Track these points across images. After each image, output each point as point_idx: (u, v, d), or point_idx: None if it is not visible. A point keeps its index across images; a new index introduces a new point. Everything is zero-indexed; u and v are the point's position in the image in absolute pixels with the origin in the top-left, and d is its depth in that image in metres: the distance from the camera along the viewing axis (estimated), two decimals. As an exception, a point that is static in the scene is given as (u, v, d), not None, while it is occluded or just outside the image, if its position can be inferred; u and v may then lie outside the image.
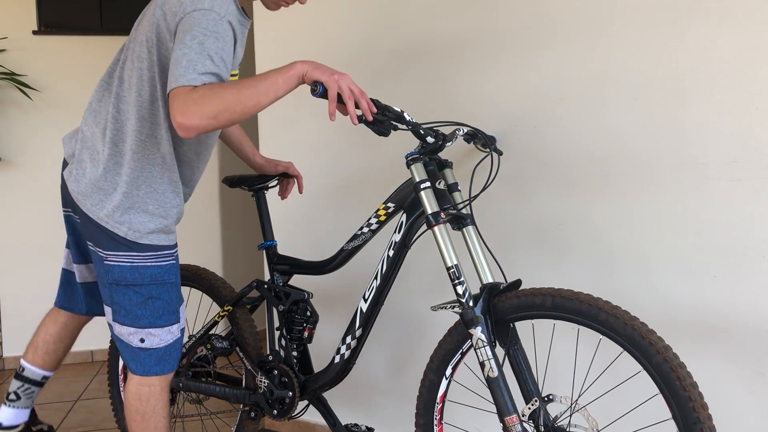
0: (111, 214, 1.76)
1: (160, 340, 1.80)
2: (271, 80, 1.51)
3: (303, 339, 2.09)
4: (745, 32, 1.73)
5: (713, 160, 1.79)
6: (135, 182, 1.76)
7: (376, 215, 1.92)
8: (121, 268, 1.77)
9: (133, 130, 1.75)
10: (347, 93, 1.53)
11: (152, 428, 1.85)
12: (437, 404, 1.78)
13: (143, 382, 1.82)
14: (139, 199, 1.76)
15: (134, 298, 1.78)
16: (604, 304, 1.50)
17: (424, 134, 1.73)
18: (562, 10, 2.03)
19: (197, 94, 1.47)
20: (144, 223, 1.76)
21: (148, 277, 1.78)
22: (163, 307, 1.80)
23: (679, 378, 1.38)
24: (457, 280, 1.66)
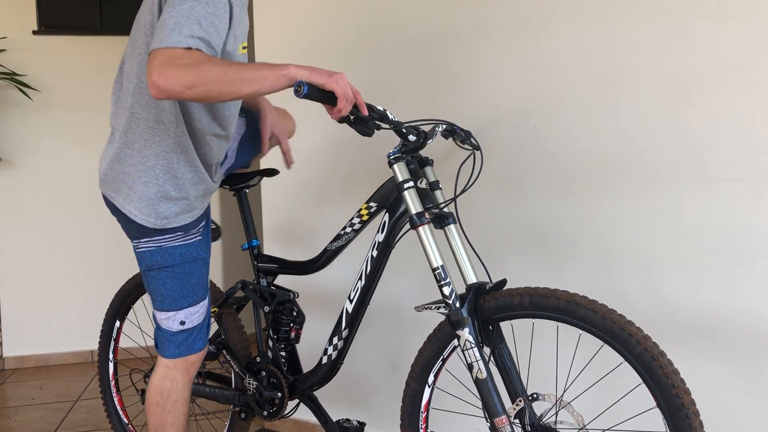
0: (138, 207, 1.72)
1: (198, 316, 1.84)
2: (260, 73, 1.44)
3: (290, 339, 2.07)
4: (745, 32, 1.73)
5: (713, 160, 1.79)
6: (152, 171, 1.71)
7: (358, 215, 1.89)
8: (152, 252, 1.77)
9: (140, 119, 1.69)
10: (348, 95, 1.48)
11: (170, 423, 1.86)
12: (422, 413, 1.77)
13: (166, 376, 1.84)
14: (160, 187, 1.72)
15: (168, 281, 1.78)
16: (581, 300, 1.49)
17: (407, 133, 1.71)
18: (563, 10, 2.02)
19: (185, 59, 1.39)
20: (169, 208, 1.74)
21: (178, 256, 1.78)
22: (198, 283, 1.82)
23: (661, 366, 1.39)
24: (443, 281, 1.64)
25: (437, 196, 1.79)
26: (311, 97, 1.44)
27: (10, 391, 3.65)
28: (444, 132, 1.88)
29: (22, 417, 3.22)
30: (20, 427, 3.08)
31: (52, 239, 4.12)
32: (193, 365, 1.87)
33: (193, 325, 1.83)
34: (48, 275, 4.11)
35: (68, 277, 4.14)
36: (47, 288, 4.12)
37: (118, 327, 2.50)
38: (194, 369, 1.88)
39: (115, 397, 2.56)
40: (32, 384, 3.74)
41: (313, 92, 1.44)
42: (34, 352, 4.10)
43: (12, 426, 3.10)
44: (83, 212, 4.16)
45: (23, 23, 4.07)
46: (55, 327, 4.13)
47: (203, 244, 1.85)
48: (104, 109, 4.14)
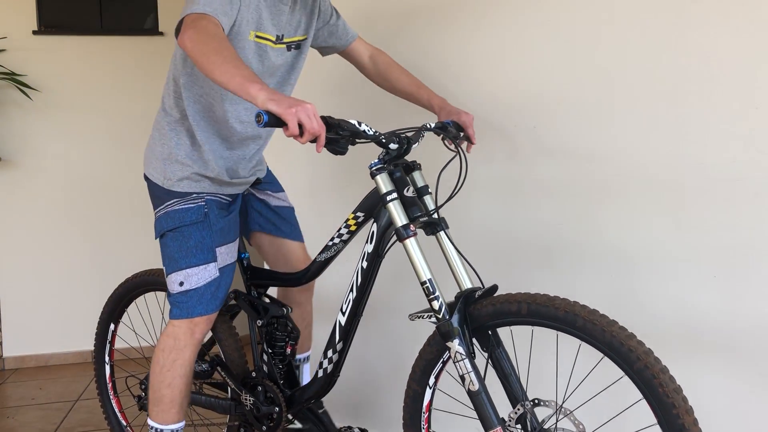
0: (154, 167, 1.95)
1: (198, 279, 1.88)
2: (233, 72, 1.51)
3: (286, 355, 2.05)
4: (745, 32, 1.70)
5: (713, 160, 1.76)
6: (167, 134, 1.93)
7: (346, 225, 1.85)
8: (159, 220, 1.93)
9: (169, 93, 1.94)
10: (305, 128, 1.45)
11: (167, 384, 1.91)
12: (423, 414, 1.75)
13: (170, 333, 1.91)
14: (171, 149, 1.92)
15: (170, 243, 1.91)
16: (580, 310, 1.46)
17: (386, 142, 1.66)
18: (563, 10, 1.99)
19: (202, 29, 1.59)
20: (175, 171, 1.91)
21: (177, 219, 1.90)
22: (195, 246, 1.89)
23: (662, 384, 1.35)
24: (432, 295, 1.60)
25: (426, 201, 1.74)
26: (270, 125, 1.44)
27: (10, 391, 3.65)
28: (436, 129, 1.82)
29: (22, 417, 3.22)
30: (20, 427, 3.08)
31: (52, 239, 4.11)
32: (197, 326, 1.90)
33: (192, 288, 1.88)
34: (48, 275, 4.10)
35: (68, 277, 4.13)
36: (47, 288, 4.11)
37: (112, 330, 2.50)
38: (199, 332, 1.90)
39: (113, 399, 2.55)
40: (32, 384, 3.74)
41: (271, 121, 1.43)
42: (34, 352, 4.10)
43: (12, 426, 3.10)
44: (83, 212, 4.15)
45: (23, 23, 4.05)
46: (55, 327, 4.12)
47: (206, 211, 1.92)
48: (104, 109, 4.15)
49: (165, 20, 4.20)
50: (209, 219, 1.91)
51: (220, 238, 1.92)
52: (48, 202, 4.10)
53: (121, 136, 4.18)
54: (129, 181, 4.17)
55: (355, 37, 2.14)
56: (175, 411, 1.93)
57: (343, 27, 2.11)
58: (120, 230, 4.19)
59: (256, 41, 1.82)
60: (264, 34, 1.83)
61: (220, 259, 1.92)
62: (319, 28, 2.05)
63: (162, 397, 1.92)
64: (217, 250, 1.91)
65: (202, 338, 1.93)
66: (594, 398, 1.86)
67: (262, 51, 1.85)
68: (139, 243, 4.19)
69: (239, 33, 1.77)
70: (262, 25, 1.82)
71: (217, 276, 1.91)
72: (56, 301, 4.12)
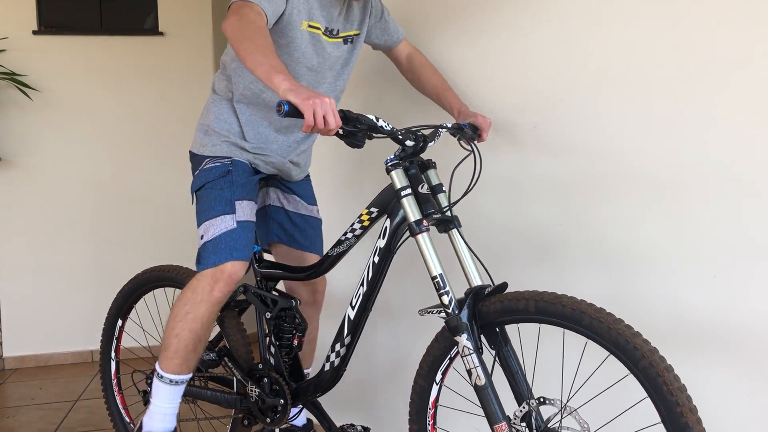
0: (195, 138, 2.10)
1: (215, 229, 1.91)
2: (263, 61, 1.57)
3: (293, 347, 2.06)
4: (745, 32, 1.69)
5: (713, 160, 1.76)
6: (210, 110, 2.07)
7: (359, 220, 1.87)
8: (193, 182, 2.04)
9: (220, 77, 2.08)
10: (319, 123, 1.48)
11: (175, 333, 1.93)
12: (429, 410, 1.76)
13: (190, 285, 1.93)
14: (210, 121, 2.04)
15: (198, 202, 2.00)
16: (587, 308, 1.46)
17: (403, 138, 1.68)
18: (562, 10, 2.00)
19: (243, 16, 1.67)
20: (210, 139, 2.04)
21: (203, 178, 1.99)
22: (215, 198, 1.94)
23: (666, 383, 1.35)
24: (442, 290, 1.61)
25: (440, 199, 1.75)
26: (290, 115, 1.48)
27: (10, 391, 3.64)
28: (452, 130, 1.86)
29: (22, 417, 3.20)
30: (20, 427, 3.06)
31: (52, 239, 4.09)
32: (217, 283, 1.89)
33: (209, 239, 1.91)
34: (48, 275, 4.09)
35: (68, 277, 4.12)
36: (47, 288, 4.09)
37: (120, 326, 2.51)
38: (218, 290, 1.89)
39: (117, 396, 2.56)
40: (32, 384, 3.72)
41: (291, 111, 1.47)
42: (34, 352, 4.08)
43: (12, 426, 3.09)
44: (83, 212, 4.14)
45: (23, 23, 4.04)
46: (55, 327, 4.11)
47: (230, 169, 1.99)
48: (104, 109, 4.14)
49: (165, 20, 4.19)
50: (231, 175, 1.97)
51: (241, 192, 1.96)
52: (48, 202, 4.09)
53: (121, 136, 4.17)
54: (129, 180, 4.17)
55: (403, 35, 2.22)
56: (177, 362, 1.94)
57: (394, 25, 2.18)
58: (120, 230, 4.18)
59: (310, 31, 1.88)
60: (316, 24, 1.89)
61: (240, 212, 1.94)
62: (371, 25, 2.10)
63: (168, 345, 1.94)
64: (237, 203, 1.94)
65: (222, 298, 1.91)
66: (598, 396, 1.87)
67: (317, 41, 1.91)
68: (139, 243, 4.18)
69: (291, 22, 1.84)
70: (314, 16, 1.88)
71: (234, 227, 1.91)
72: (56, 301, 4.11)
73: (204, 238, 1.92)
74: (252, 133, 2.03)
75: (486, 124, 1.97)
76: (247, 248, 1.93)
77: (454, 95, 2.12)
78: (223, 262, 1.89)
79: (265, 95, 1.97)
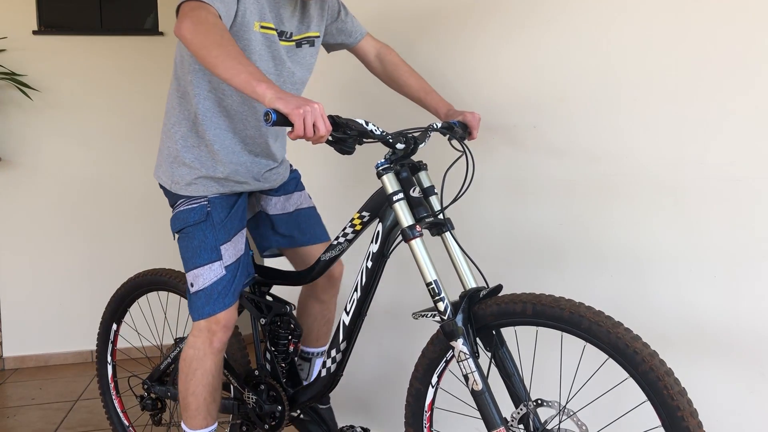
0: (164, 170, 1.94)
1: (204, 279, 1.86)
2: (238, 68, 1.47)
3: (289, 353, 2.03)
4: (745, 32, 1.69)
5: (713, 160, 1.75)
6: (173, 136, 1.90)
7: (351, 224, 1.83)
8: (171, 221, 1.94)
9: (171, 91, 1.90)
10: (309, 131, 1.43)
11: (191, 392, 1.92)
12: (425, 412, 1.73)
13: (190, 344, 1.91)
14: (177, 151, 1.89)
15: (181, 244, 1.91)
16: (585, 311, 1.45)
17: (393, 142, 1.65)
18: (563, 10, 1.98)
19: (201, 19, 1.54)
20: (182, 175, 1.89)
21: (182, 220, 1.90)
22: (199, 245, 1.87)
23: (666, 387, 1.34)
24: (437, 297, 1.59)
25: (432, 202, 1.71)
26: (278, 124, 1.42)
27: (10, 391, 3.62)
28: (442, 129, 1.81)
29: (22, 417, 3.19)
30: (20, 427, 3.05)
31: (52, 239, 4.07)
32: (215, 336, 1.88)
33: (200, 288, 1.87)
34: (48, 275, 4.07)
35: (68, 277, 4.10)
36: (47, 288, 4.07)
37: (115, 330, 2.49)
38: (217, 341, 1.89)
39: (115, 399, 2.55)
40: (32, 384, 3.71)
41: (279, 120, 1.42)
42: (34, 352, 4.06)
43: (12, 426, 3.08)
44: (83, 212, 4.12)
45: (23, 23, 4.01)
46: (55, 327, 4.09)
47: (210, 210, 1.90)
48: (104, 109, 4.13)
49: (165, 20, 4.17)
50: (212, 218, 1.89)
51: (224, 235, 1.89)
52: (48, 202, 4.07)
53: (121, 136, 4.15)
54: (129, 180, 4.15)
55: (364, 34, 2.11)
56: (201, 417, 1.94)
57: (352, 24, 2.07)
58: (120, 230, 4.17)
59: (263, 32, 1.77)
60: (268, 24, 1.79)
61: (226, 256, 1.89)
62: (327, 24, 2.01)
63: (188, 404, 1.94)
64: (222, 248, 1.88)
65: (222, 347, 1.91)
66: (597, 400, 1.86)
67: (271, 43, 1.80)
68: (139, 243, 4.17)
69: (244, 24, 1.73)
70: (265, 16, 1.77)
71: (224, 274, 1.87)
72: (56, 301, 4.09)
73: (194, 287, 1.88)
74: (223, 152, 1.88)
75: (475, 120, 1.91)
76: (238, 289, 1.92)
77: (437, 96, 2.06)
78: (218, 312, 1.87)
79: (226, 102, 1.85)
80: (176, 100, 1.89)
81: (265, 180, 2.00)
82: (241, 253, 1.93)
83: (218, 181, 1.90)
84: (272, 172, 2.01)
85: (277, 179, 2.06)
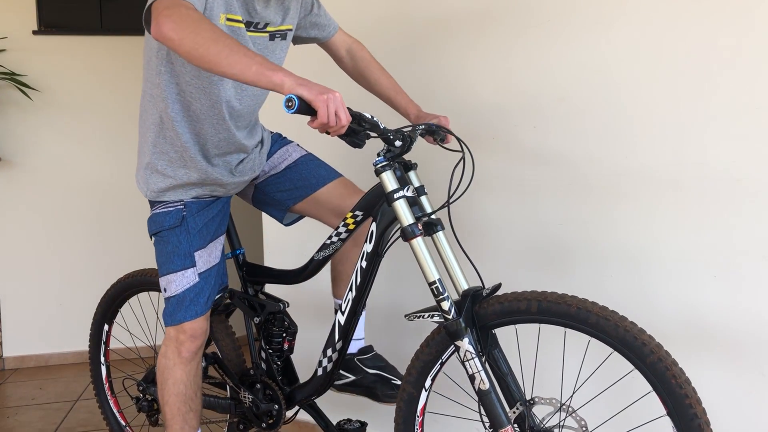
0: (140, 175, 1.88)
1: (176, 285, 1.84)
2: (246, 61, 1.38)
3: (284, 351, 2.00)
4: (745, 32, 1.69)
5: (713, 160, 1.75)
6: (146, 142, 1.83)
7: (344, 224, 1.79)
8: (148, 223, 1.90)
9: (142, 96, 1.82)
10: (332, 119, 1.37)
11: (164, 401, 1.92)
12: (417, 417, 1.69)
13: (162, 353, 1.89)
14: (150, 158, 1.83)
15: (156, 248, 1.88)
16: (592, 306, 1.44)
17: (393, 139, 1.61)
18: (563, 10, 1.98)
19: (183, 16, 1.42)
20: (157, 183, 1.84)
21: (158, 224, 1.86)
22: (173, 251, 1.84)
23: (674, 376, 1.37)
24: (441, 296, 1.55)
25: (423, 202, 1.67)
26: (300, 112, 1.36)
27: (10, 391, 3.61)
28: (422, 132, 1.77)
29: (22, 417, 3.18)
30: (20, 427, 3.04)
31: (52, 239, 4.06)
32: (183, 345, 1.85)
33: (172, 294, 1.84)
34: (48, 275, 4.06)
35: (68, 277, 4.09)
36: (47, 288, 4.06)
37: (106, 331, 2.48)
38: (186, 350, 1.86)
39: (110, 399, 2.53)
40: (32, 384, 3.70)
41: (302, 107, 1.36)
42: (34, 352, 4.05)
43: (12, 426, 3.06)
44: (83, 212, 4.10)
45: (23, 23, 4.00)
46: (55, 327, 4.08)
47: (184, 215, 1.85)
48: (104, 109, 4.12)
49: (165, 20, 4.15)
50: (186, 222, 1.84)
51: (199, 242, 1.85)
52: (48, 202, 4.06)
53: (121, 136, 4.13)
54: (128, 180, 4.12)
55: (336, 29, 2.02)
56: (178, 426, 1.92)
57: (326, 17, 1.98)
58: (120, 230, 4.16)
59: (228, 24, 1.65)
60: (234, 16, 1.67)
61: (200, 263, 1.85)
62: (301, 18, 1.91)
63: (165, 412, 1.93)
64: (196, 254, 1.84)
65: (191, 357, 1.88)
66: (594, 395, 1.85)
67: (239, 36, 1.68)
68: (139, 243, 4.13)
69: (210, 17, 1.61)
70: (233, 8, 1.66)
71: (197, 282, 1.84)
72: (56, 301, 4.08)
73: (167, 293, 1.85)
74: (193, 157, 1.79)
75: (447, 123, 1.86)
76: (211, 299, 1.89)
77: (407, 97, 2.01)
78: (188, 320, 1.84)
79: (194, 107, 1.75)
80: (147, 104, 1.80)
81: (241, 173, 1.91)
82: (216, 261, 1.89)
83: (193, 187, 1.85)
84: (244, 163, 1.92)
85: (254, 168, 1.97)
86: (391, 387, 1.92)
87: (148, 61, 1.75)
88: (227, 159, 1.86)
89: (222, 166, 1.85)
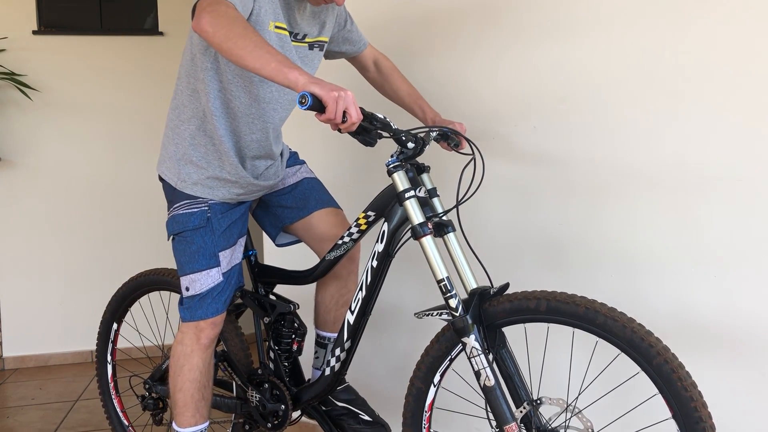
0: (168, 166, 1.90)
1: (201, 284, 1.87)
2: (267, 57, 1.47)
3: (292, 352, 2.00)
4: (745, 32, 1.68)
5: (713, 160, 1.75)
6: (181, 133, 1.87)
7: (356, 224, 1.81)
8: (168, 222, 1.91)
9: (181, 89, 1.87)
10: (339, 116, 1.42)
11: (179, 388, 1.93)
12: (425, 413, 1.70)
13: (179, 340, 1.92)
14: (185, 149, 1.86)
15: (177, 247, 1.90)
16: (600, 307, 1.45)
17: (406, 140, 1.63)
18: (563, 11, 1.97)
19: (221, 13, 1.53)
20: (190, 173, 1.87)
21: (181, 224, 1.88)
22: (198, 251, 1.86)
23: (680, 378, 1.36)
24: (449, 293, 1.57)
25: (435, 203, 1.70)
26: (313, 108, 1.41)
27: (10, 391, 3.59)
28: (436, 136, 1.81)
29: (22, 417, 3.16)
30: (20, 427, 3.02)
31: (52, 239, 4.04)
32: (203, 332, 1.89)
33: (196, 293, 1.87)
34: (48, 275, 4.04)
35: (68, 277, 4.07)
36: (47, 288, 4.05)
37: (115, 330, 2.47)
38: (205, 337, 1.89)
39: (115, 399, 2.52)
40: (32, 384, 3.68)
41: (314, 104, 1.41)
42: (34, 352, 4.03)
43: (12, 426, 3.05)
44: (83, 212, 4.09)
45: (23, 23, 3.99)
46: (55, 327, 4.06)
47: (210, 216, 1.88)
48: (104, 109, 4.11)
49: (165, 20, 4.15)
50: (212, 224, 1.88)
51: (224, 242, 1.89)
52: (48, 202, 4.04)
53: (121, 136, 4.13)
54: (129, 180, 4.13)
55: (366, 45, 2.10)
56: (189, 414, 1.93)
57: (357, 34, 2.07)
58: (120, 230, 4.15)
59: (277, 32, 1.76)
60: (281, 24, 1.78)
61: (224, 263, 1.89)
62: (335, 32, 2.00)
63: (176, 400, 1.93)
64: (221, 254, 1.88)
65: (209, 344, 1.91)
66: (599, 396, 1.85)
67: (284, 43, 1.78)
68: (139, 242, 4.14)
69: (258, 23, 1.71)
70: (279, 17, 1.77)
71: (221, 281, 1.88)
72: (56, 301, 4.06)
73: (190, 291, 1.88)
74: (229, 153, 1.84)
75: (462, 129, 1.93)
76: (230, 297, 1.93)
77: (426, 104, 2.08)
78: (209, 317, 1.88)
79: (233, 104, 1.82)
80: (186, 98, 1.85)
81: (265, 178, 1.97)
82: (237, 261, 1.94)
83: (223, 184, 1.88)
84: (269, 169, 1.98)
85: (277, 174, 2.02)
86: (359, 422, 1.98)
87: (192, 58, 1.82)
88: (256, 164, 1.92)
89: (250, 169, 1.91)
